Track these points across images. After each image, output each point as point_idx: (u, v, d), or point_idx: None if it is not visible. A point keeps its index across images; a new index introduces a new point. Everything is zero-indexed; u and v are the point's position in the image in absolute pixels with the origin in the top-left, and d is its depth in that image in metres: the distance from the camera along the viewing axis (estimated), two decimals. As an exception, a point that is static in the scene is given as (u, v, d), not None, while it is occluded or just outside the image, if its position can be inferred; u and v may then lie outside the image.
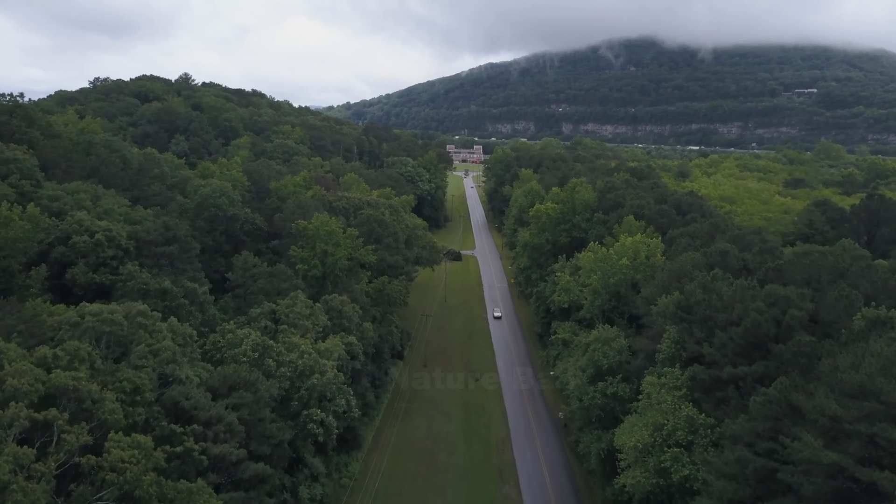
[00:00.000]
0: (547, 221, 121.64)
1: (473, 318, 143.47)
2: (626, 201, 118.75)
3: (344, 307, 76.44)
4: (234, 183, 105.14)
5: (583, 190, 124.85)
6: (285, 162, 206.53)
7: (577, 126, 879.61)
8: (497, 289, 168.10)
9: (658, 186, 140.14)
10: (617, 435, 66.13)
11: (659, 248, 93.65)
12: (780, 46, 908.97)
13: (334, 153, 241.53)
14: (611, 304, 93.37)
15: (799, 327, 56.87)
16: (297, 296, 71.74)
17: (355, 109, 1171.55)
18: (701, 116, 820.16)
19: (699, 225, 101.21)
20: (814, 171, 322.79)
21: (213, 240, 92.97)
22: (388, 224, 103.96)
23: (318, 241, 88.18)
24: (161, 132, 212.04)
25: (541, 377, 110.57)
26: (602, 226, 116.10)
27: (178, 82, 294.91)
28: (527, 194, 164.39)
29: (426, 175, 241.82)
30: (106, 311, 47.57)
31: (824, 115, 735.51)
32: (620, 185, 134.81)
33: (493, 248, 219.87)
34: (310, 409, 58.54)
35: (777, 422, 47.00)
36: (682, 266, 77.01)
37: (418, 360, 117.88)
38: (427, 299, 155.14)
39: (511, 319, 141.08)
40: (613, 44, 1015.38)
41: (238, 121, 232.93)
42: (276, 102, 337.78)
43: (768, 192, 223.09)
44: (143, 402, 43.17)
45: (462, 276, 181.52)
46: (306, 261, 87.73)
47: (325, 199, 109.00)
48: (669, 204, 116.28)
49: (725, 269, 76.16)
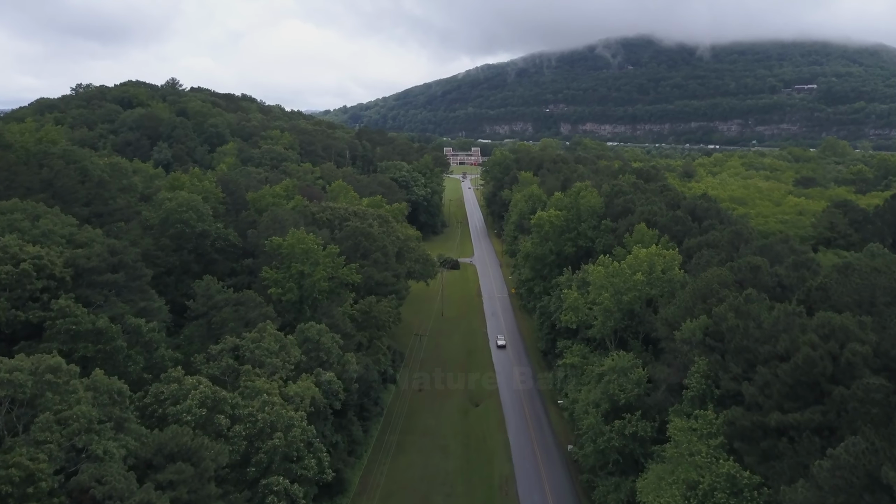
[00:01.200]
0: (550, 230, 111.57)
1: (473, 335, 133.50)
2: (635, 207, 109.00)
3: (322, 337, 66.56)
4: (206, 195, 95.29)
5: (588, 195, 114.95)
6: (273, 168, 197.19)
7: (575, 126, 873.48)
8: (497, 300, 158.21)
9: (668, 189, 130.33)
10: (640, 488, 56.29)
11: (676, 261, 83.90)
12: (779, 43, 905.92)
13: (325, 158, 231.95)
14: (624, 322, 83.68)
15: (862, 364, 47.11)
16: (266, 328, 61.89)
17: (352, 113, 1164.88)
18: (700, 115, 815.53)
19: (718, 233, 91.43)
20: (821, 168, 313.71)
21: (181, 259, 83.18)
22: (376, 237, 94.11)
23: (293, 260, 78.24)
24: (143, 139, 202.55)
25: (546, 401, 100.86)
26: (611, 234, 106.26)
27: (165, 87, 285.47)
28: (527, 199, 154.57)
29: (421, 180, 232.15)
30: (4, 367, 37.78)
31: (825, 112, 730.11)
32: (628, 188, 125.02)
33: (493, 255, 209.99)
34: (269, 476, 48.64)
35: (853, 496, 37.17)
36: (707, 284, 67.23)
37: (413, 383, 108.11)
38: (423, 312, 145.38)
39: (513, 335, 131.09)
40: (611, 43, 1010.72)
41: (225, 126, 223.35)
42: (267, 107, 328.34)
43: (779, 192, 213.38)
44: (37, 495, 33.41)
45: (460, 287, 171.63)
46: (280, 283, 77.78)
47: (308, 210, 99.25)
48: (683, 209, 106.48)
49: (757, 286, 66.38)
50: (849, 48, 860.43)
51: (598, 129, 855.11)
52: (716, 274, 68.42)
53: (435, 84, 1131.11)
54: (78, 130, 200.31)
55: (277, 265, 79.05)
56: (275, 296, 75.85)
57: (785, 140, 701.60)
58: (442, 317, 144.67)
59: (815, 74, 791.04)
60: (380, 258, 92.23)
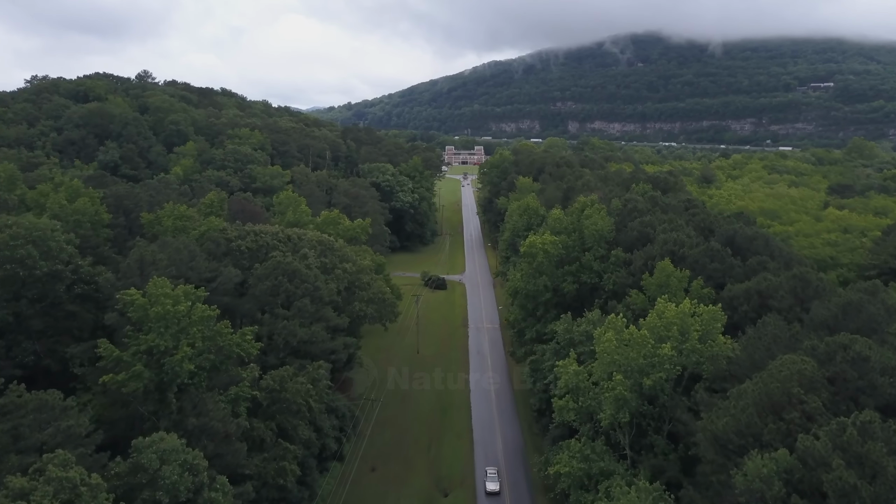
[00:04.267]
0: (545, 261, 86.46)
1: (451, 382, 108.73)
2: (655, 233, 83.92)
3: (163, 469, 41.41)
4: (78, 217, 70.96)
5: (595, 215, 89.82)
6: (236, 172, 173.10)
7: (583, 124, 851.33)
8: (486, 332, 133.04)
9: (694, 206, 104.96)
10: None
11: (719, 321, 59.03)
12: (792, 39, 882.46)
13: (301, 160, 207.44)
14: (644, 407, 58.91)
15: None
16: (49, 467, 36.75)
17: (356, 110, 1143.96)
18: (712, 113, 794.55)
19: (774, 277, 66.34)
20: (850, 172, 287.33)
21: (15, 313, 58.83)
22: (305, 276, 69.26)
23: (150, 327, 52.87)
24: (90, 138, 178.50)
25: (536, 492, 76.08)
26: (623, 270, 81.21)
27: (132, 81, 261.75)
28: (522, 212, 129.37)
29: (409, 184, 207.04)
30: None
31: (843, 110, 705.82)
32: (644, 204, 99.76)
33: (486, 273, 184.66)
34: None
35: None
36: (781, 385, 42.29)
37: (366, 458, 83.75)
38: (394, 348, 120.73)
39: (502, 386, 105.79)
40: (619, 39, 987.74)
41: (188, 123, 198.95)
42: (248, 102, 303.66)
43: (814, 202, 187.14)
44: None
45: (444, 312, 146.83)
46: (124, 365, 52.53)
47: (222, 237, 74.61)
48: (719, 238, 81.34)
49: (865, 391, 41.52)
50: (865, 45, 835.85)
51: (606, 128, 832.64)
52: (792, 367, 43.38)
53: (441, 81, 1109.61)
54: (14, 127, 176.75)
55: (130, 332, 54.01)
56: (111, 385, 50.99)
57: (800, 140, 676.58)
58: (417, 355, 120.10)
59: (831, 72, 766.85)
60: (306, 307, 67.43)
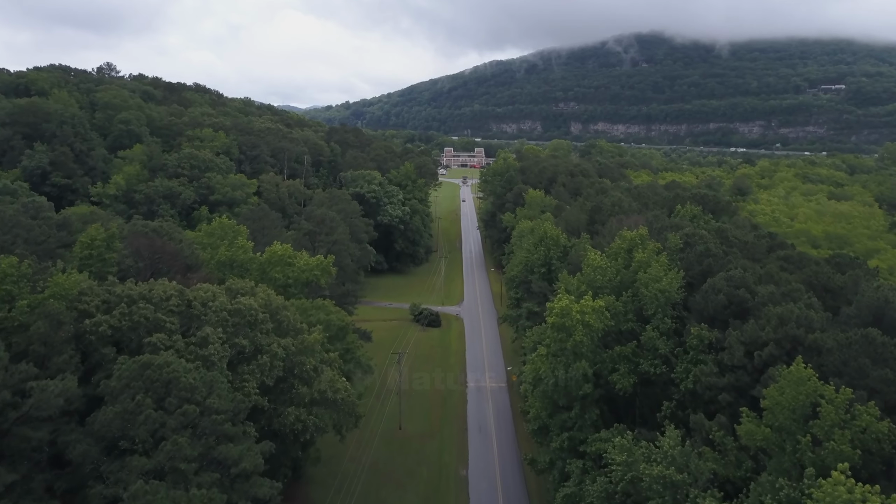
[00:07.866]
0: (585, 340, 56.79)
1: (444, 483, 79.61)
2: (751, 299, 54.72)
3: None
4: None
5: (654, 264, 60.72)
6: (191, 181, 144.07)
7: (586, 126, 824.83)
8: (490, 395, 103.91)
9: (781, 246, 75.59)
10: None
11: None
12: (800, 40, 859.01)
13: (275, 166, 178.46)
14: None
15: None
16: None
17: (354, 109, 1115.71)
18: (720, 115, 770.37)
19: None
20: (888, 181, 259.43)
21: None
22: (186, 386, 39.37)
23: None
24: (18, 139, 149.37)
25: None
26: (708, 355, 51.88)
27: (93, 74, 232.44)
28: (537, 243, 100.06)
29: (399, 195, 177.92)
30: None
31: (855, 114, 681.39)
32: (712, 241, 70.25)
33: (489, 302, 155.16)
34: None
35: None
36: None
37: None
38: (368, 422, 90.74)
39: (514, 492, 76.75)
40: (623, 39, 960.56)
41: (140, 122, 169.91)
42: (224, 100, 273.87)
43: (877, 223, 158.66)
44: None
45: (438, 362, 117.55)
46: None
47: (70, 311, 45.36)
48: (863, 310, 52.15)
49: None
50: (874, 46, 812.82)
51: (610, 129, 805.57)
52: None
53: (441, 80, 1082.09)
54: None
55: None
56: None
57: (811, 143, 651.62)
58: (399, 431, 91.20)
59: (842, 74, 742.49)
60: (183, 449, 37.44)
